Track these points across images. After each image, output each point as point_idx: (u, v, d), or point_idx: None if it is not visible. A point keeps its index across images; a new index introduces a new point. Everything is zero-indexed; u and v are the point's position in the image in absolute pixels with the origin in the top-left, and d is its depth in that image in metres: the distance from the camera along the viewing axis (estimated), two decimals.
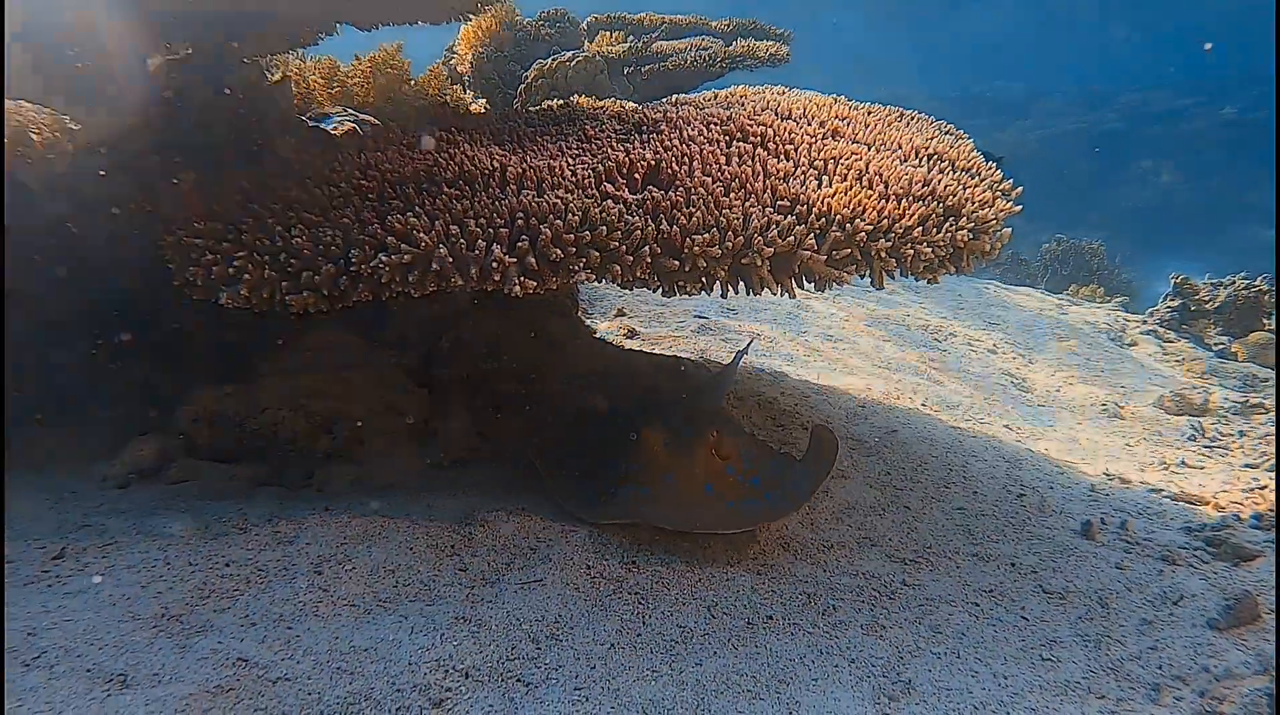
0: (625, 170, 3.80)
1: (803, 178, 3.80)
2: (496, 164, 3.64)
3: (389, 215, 3.24)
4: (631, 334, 6.56)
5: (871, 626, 3.21)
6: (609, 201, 3.47)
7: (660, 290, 3.45)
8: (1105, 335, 9.51)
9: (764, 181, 3.70)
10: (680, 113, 4.49)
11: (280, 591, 2.84)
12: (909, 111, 5.10)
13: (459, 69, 12.89)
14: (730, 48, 11.66)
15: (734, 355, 5.64)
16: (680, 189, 3.64)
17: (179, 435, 3.78)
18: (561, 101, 7.39)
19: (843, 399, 5.79)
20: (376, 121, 7.13)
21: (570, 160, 3.90)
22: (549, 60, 10.94)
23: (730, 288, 3.52)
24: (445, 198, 3.33)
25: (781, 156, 3.99)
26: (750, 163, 3.86)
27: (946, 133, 4.79)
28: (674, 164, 3.81)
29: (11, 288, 4.70)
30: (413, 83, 8.42)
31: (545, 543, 3.41)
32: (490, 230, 3.11)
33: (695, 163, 3.82)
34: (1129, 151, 29.37)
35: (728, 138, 4.08)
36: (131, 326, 4.71)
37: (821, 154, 4.01)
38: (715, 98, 5.05)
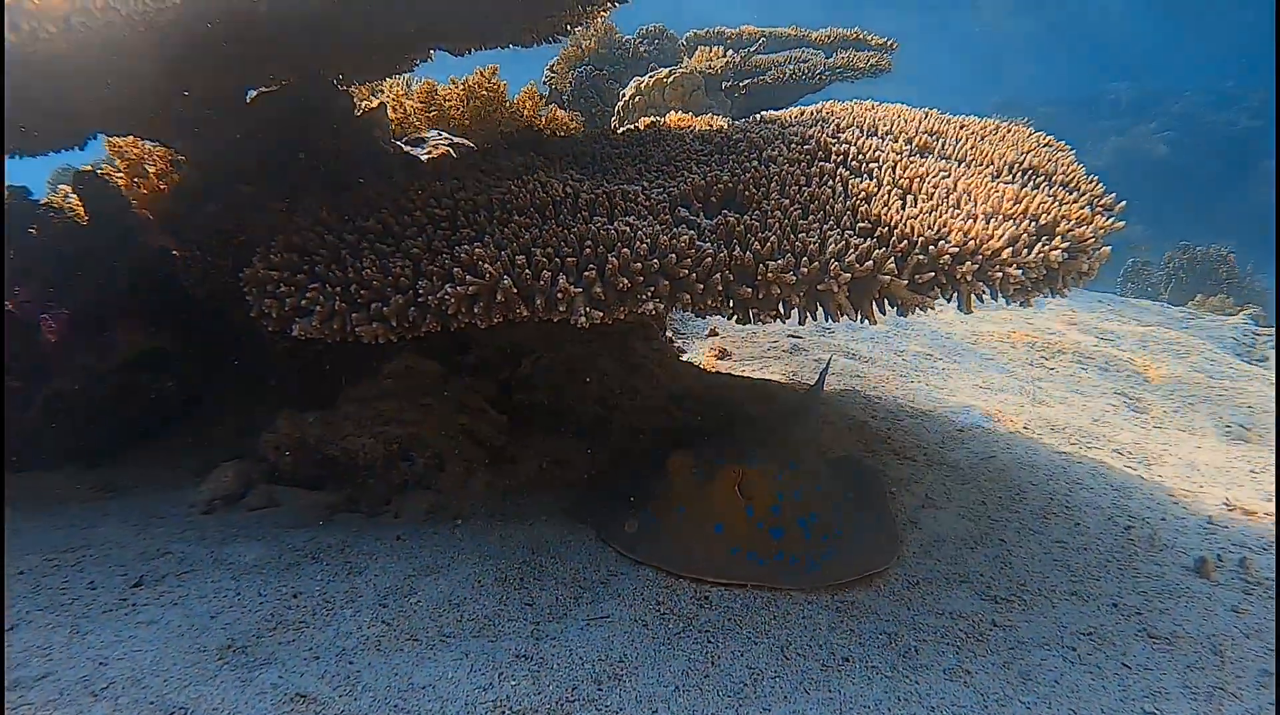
0: (702, 193, 3.73)
1: (886, 198, 3.65)
2: (570, 190, 3.61)
3: (457, 245, 3.24)
4: (723, 354, 6.45)
5: (956, 671, 3.03)
6: (681, 227, 3.40)
7: (735, 318, 3.36)
8: (1231, 350, 8.94)
9: (844, 203, 3.57)
10: (762, 131, 4.38)
11: (345, 625, 2.84)
12: (1006, 123, 4.88)
13: (558, 87, 13.07)
14: (830, 60, 11.49)
15: (819, 375, 5.50)
16: (756, 212, 3.54)
17: (261, 461, 3.86)
18: (650, 121, 7.37)
19: (938, 422, 5.56)
20: (470, 144, 7.24)
21: (648, 183, 3.85)
22: (646, 78, 10.97)
23: (809, 314, 3.40)
24: (515, 226, 3.31)
25: (864, 175, 3.84)
26: (831, 183, 3.73)
27: (1045, 144, 4.55)
28: (751, 186, 3.72)
29: (122, 312, 4.92)
30: (509, 104, 8.52)
31: (616, 576, 3.34)
32: (557, 260, 3.07)
33: (773, 184, 3.72)
34: (1260, 153, 27.76)
35: (809, 157, 3.96)
36: (227, 355, 4.87)
37: (907, 172, 3.85)
38: (802, 114, 4.92)
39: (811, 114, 4.79)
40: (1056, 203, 3.75)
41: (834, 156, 3.94)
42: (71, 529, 3.44)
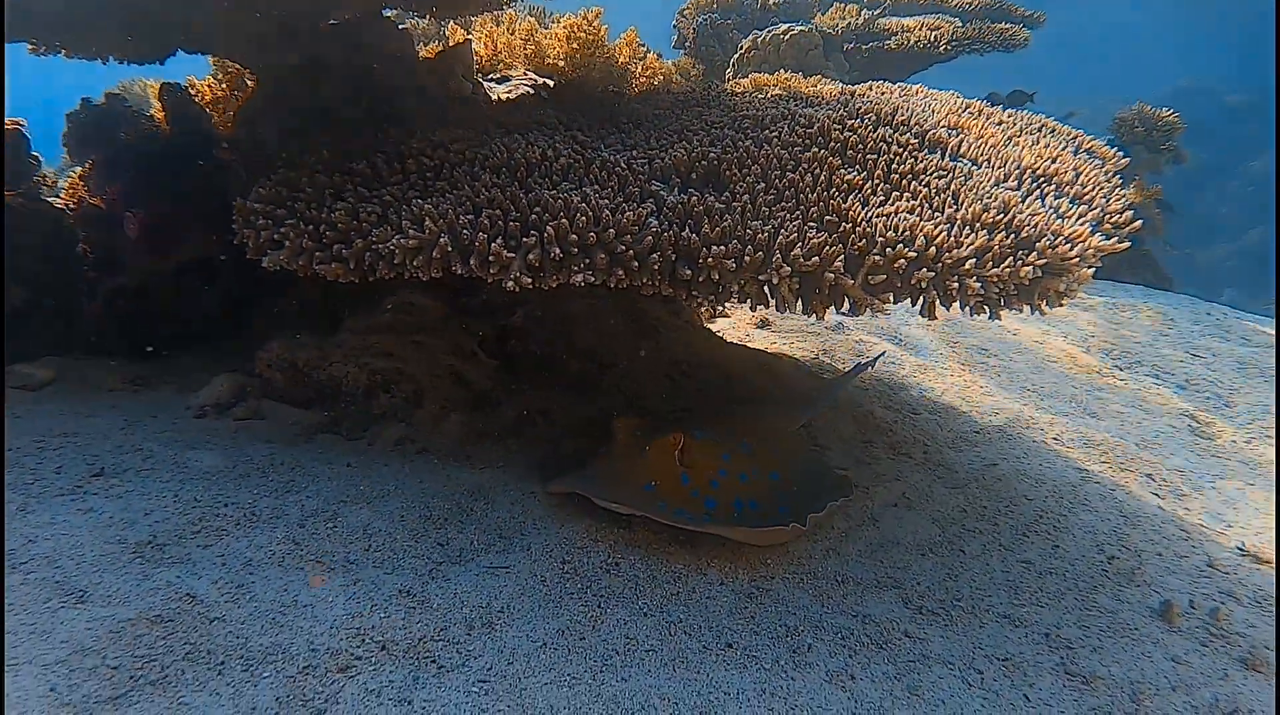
0: (684, 168, 3.74)
1: (868, 193, 3.58)
2: (550, 153, 3.69)
3: (423, 198, 3.38)
4: (764, 323, 6.43)
5: (838, 674, 3.04)
6: (648, 201, 3.44)
7: (685, 298, 3.39)
8: None
9: (818, 193, 3.52)
10: (778, 109, 4.32)
11: (260, 538, 3.10)
12: (1052, 122, 4.64)
13: (684, 32, 12.96)
14: (963, 29, 10.99)
15: (853, 366, 5.42)
16: (726, 193, 3.54)
17: (256, 376, 4.16)
18: (721, 83, 7.29)
19: (958, 421, 5.42)
20: (549, 84, 7.34)
21: (640, 152, 3.89)
22: (765, 33, 10.78)
23: (759, 303, 3.40)
24: (481, 184, 3.43)
25: (856, 167, 3.77)
26: (815, 171, 3.68)
27: (1082, 150, 4.32)
28: (734, 166, 3.70)
29: (186, 218, 5.31)
30: (606, 48, 8.54)
31: (538, 530, 3.49)
32: (500, 223, 3.18)
33: (755, 166, 3.69)
34: None
35: (805, 142, 3.90)
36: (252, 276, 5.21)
37: (903, 167, 3.76)
38: (841, 94, 4.80)
39: (849, 93, 4.67)
40: (1056, 215, 3.59)
41: (832, 143, 3.87)
42: (76, 416, 3.83)
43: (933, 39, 10.32)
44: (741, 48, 10.78)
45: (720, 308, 6.44)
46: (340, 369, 4.05)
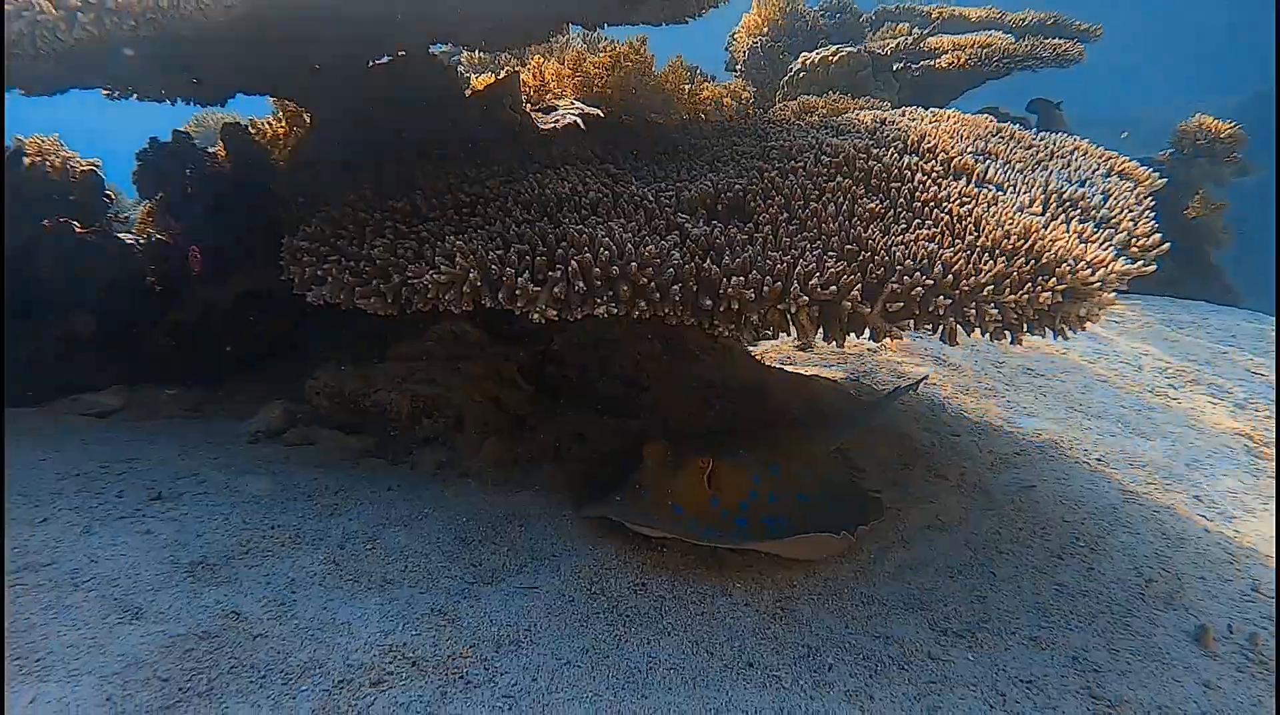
0: (710, 200, 3.86)
1: (891, 222, 3.66)
2: (581, 188, 3.83)
3: (457, 233, 3.55)
4: (804, 346, 6.49)
5: (857, 694, 3.10)
6: (673, 234, 3.56)
7: (709, 327, 3.50)
8: None
9: (839, 222, 3.61)
10: (807, 139, 4.42)
11: (304, 559, 3.27)
12: (1085, 143, 4.65)
13: (736, 55, 13.10)
14: (1015, 45, 10.93)
15: (894, 389, 5.46)
16: (750, 225, 3.65)
17: (306, 403, 4.37)
18: (761, 111, 7.38)
19: (999, 442, 5.42)
20: (598, 114, 7.52)
21: (667, 185, 4.01)
22: (814, 54, 10.86)
23: (781, 331, 3.50)
24: (511, 220, 3.59)
25: (879, 195, 3.85)
26: (838, 201, 3.77)
27: (1114, 173, 4.33)
28: (759, 197, 3.81)
29: (245, 251, 5.58)
30: (654, 76, 8.70)
31: (570, 552, 3.61)
32: (528, 258, 3.33)
33: (779, 197, 3.79)
34: None
35: (830, 171, 3.99)
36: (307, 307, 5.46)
37: (926, 195, 3.83)
38: (872, 121, 4.87)
39: (870, 122, 4.74)
40: (1079, 240, 3.62)
41: (856, 172, 3.95)
42: (138, 442, 4.08)
43: (984, 56, 10.28)
44: (791, 70, 10.87)
45: (779, 336, 6.52)
46: (384, 396, 4.24)
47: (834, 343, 3.43)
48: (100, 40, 3.46)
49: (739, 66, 12.42)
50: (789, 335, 3.48)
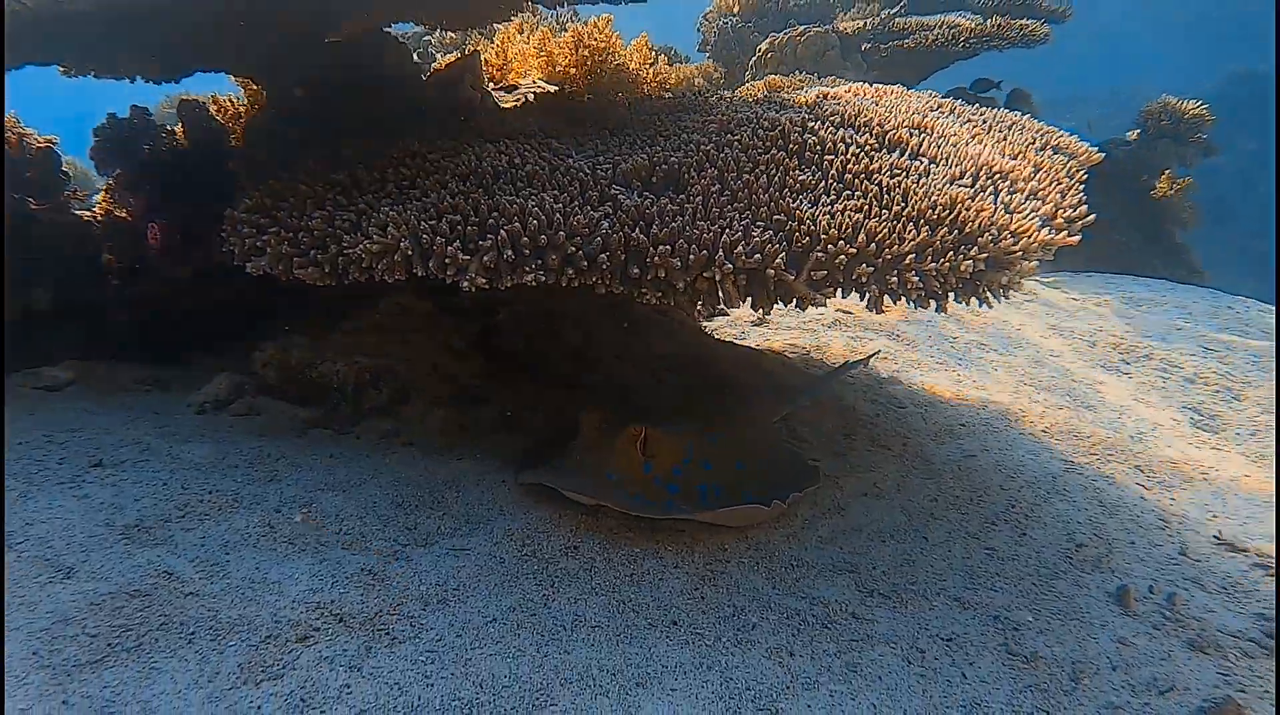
0: (645, 172, 3.93)
1: (819, 193, 3.74)
2: (519, 161, 3.90)
3: (396, 205, 3.62)
4: (759, 321, 6.58)
5: (777, 650, 3.19)
6: (605, 205, 3.63)
7: (634, 295, 3.57)
8: None
9: (770, 194, 3.69)
10: (746, 113, 4.49)
11: (239, 521, 3.35)
12: (1024, 119, 4.74)
13: (707, 36, 13.13)
14: (982, 25, 11.00)
15: (844, 363, 5.56)
16: (682, 196, 3.72)
17: (254, 375, 4.44)
18: (719, 90, 7.43)
19: (945, 415, 5.52)
20: (550, 91, 7.55)
21: (606, 158, 4.08)
22: (781, 34, 10.90)
23: (710, 300, 3.57)
24: (447, 191, 3.65)
25: (811, 168, 3.92)
26: (770, 173, 3.84)
27: (1049, 147, 4.41)
28: (692, 170, 3.88)
29: (205, 226, 5.62)
30: (617, 54, 8.73)
31: (504, 515, 3.69)
32: (460, 227, 3.40)
33: (713, 169, 3.86)
34: None
35: (766, 144, 4.06)
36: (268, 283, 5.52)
37: (858, 167, 3.90)
38: (815, 98, 4.94)
39: (814, 99, 4.81)
40: (1004, 210, 3.71)
41: (790, 145, 4.03)
42: (85, 413, 4.14)
43: (951, 36, 10.35)
44: (759, 49, 10.91)
45: (717, 307, 6.60)
46: (331, 367, 4.30)
47: (761, 311, 3.51)
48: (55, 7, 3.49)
49: (710, 47, 12.45)
50: (735, 307, 3.56)
